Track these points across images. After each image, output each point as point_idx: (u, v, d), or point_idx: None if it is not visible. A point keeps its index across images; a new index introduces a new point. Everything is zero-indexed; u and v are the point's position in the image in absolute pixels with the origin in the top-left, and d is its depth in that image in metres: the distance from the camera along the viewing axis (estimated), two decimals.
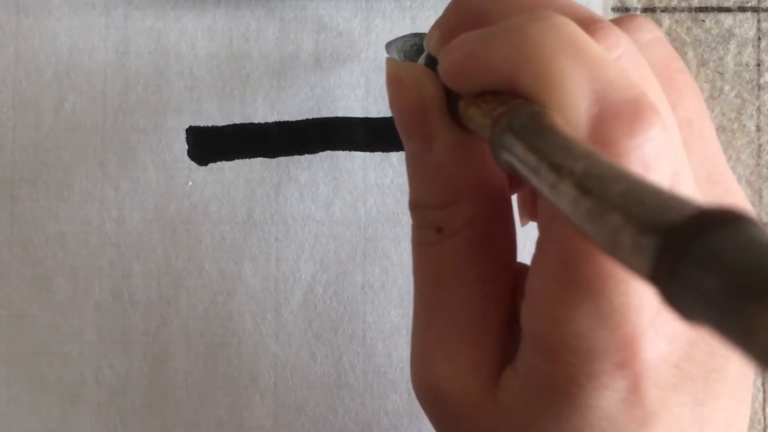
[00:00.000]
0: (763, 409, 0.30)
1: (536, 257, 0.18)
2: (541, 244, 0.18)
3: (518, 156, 0.15)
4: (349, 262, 0.29)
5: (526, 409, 0.18)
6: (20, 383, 0.29)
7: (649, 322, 0.17)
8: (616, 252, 0.11)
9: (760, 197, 0.30)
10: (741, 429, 0.20)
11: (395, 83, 0.20)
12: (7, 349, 0.29)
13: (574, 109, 0.16)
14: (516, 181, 0.20)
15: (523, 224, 0.21)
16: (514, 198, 0.21)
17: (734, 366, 0.18)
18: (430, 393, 0.20)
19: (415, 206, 0.20)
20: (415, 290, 0.20)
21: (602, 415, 0.17)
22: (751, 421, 0.30)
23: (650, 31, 0.19)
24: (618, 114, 0.16)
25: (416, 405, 0.28)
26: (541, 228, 0.17)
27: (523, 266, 0.20)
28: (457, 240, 0.19)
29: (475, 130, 0.18)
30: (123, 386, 0.29)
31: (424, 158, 0.19)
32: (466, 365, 0.19)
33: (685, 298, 0.09)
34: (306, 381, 0.29)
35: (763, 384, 0.30)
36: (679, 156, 0.17)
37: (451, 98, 0.19)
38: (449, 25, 0.20)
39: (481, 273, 0.19)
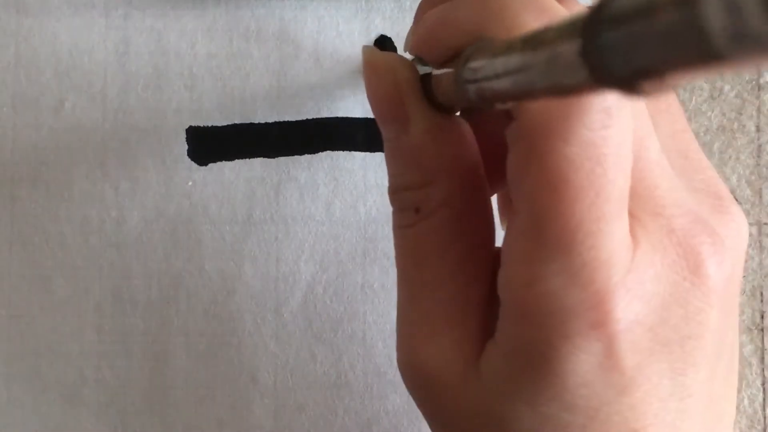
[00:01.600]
0: (763, 409, 0.30)
1: (509, 223, 0.18)
2: (513, 207, 0.18)
3: (476, 71, 0.16)
4: (349, 262, 0.29)
5: (508, 379, 0.18)
6: (20, 383, 0.29)
7: (621, 280, 0.17)
8: (560, 75, 0.12)
9: (760, 197, 0.30)
10: (726, 409, 0.20)
11: (371, 69, 0.21)
12: (7, 349, 0.29)
13: None
14: (496, 177, 0.21)
15: (504, 226, 0.22)
16: (494, 199, 0.21)
17: (711, 336, 0.18)
18: (415, 373, 0.20)
19: (394, 190, 0.21)
20: (398, 273, 0.21)
21: (580, 382, 0.17)
22: (751, 420, 0.30)
23: None
24: None
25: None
26: (512, 190, 0.18)
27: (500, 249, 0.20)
28: (435, 219, 0.20)
29: (447, 95, 0.18)
30: (123, 386, 0.29)
31: (400, 141, 0.20)
32: (449, 343, 0.19)
33: (615, 54, 0.10)
34: (306, 381, 0.29)
35: (763, 384, 0.30)
36: (646, 125, 0.18)
37: (425, 83, 0.20)
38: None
39: (460, 252, 0.20)
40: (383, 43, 0.30)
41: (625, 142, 0.17)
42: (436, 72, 0.19)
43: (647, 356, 0.17)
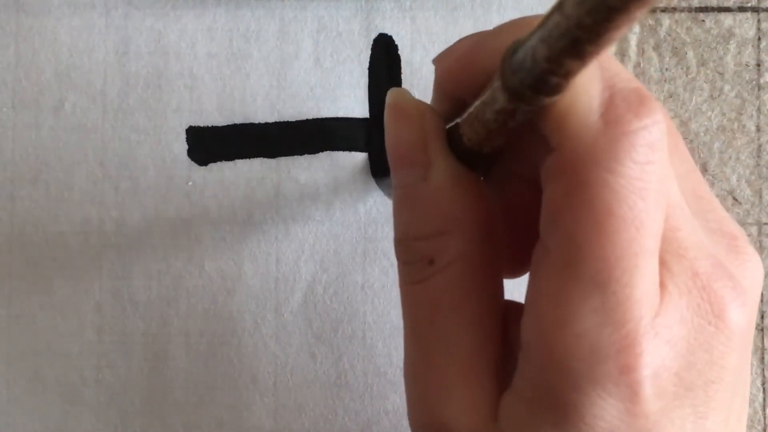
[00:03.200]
0: (764, 409, 0.30)
1: (536, 265, 0.18)
2: (541, 249, 0.18)
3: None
4: (349, 262, 0.29)
5: (530, 427, 0.18)
6: (20, 383, 0.29)
7: (650, 323, 0.17)
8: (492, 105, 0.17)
9: (760, 197, 0.30)
10: None
11: (398, 112, 0.20)
12: (7, 349, 0.29)
13: (590, 92, 0.17)
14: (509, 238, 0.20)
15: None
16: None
17: (731, 378, 0.18)
18: None
19: (403, 239, 0.20)
20: (407, 329, 0.20)
21: (606, 427, 0.17)
22: (751, 420, 0.30)
23: None
24: (627, 98, 0.17)
25: None
26: (546, 228, 0.17)
27: (510, 302, 0.20)
28: (451, 272, 0.19)
29: (483, 121, 0.18)
30: (123, 386, 0.29)
31: (418, 187, 0.19)
32: (468, 401, 0.19)
33: (516, 74, 0.16)
34: (306, 381, 0.29)
35: (763, 384, 0.30)
36: (666, 166, 0.18)
37: (448, 134, 0.20)
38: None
39: (477, 306, 0.19)
40: (384, 42, 0.30)
41: (664, 178, 0.17)
42: (465, 114, 0.19)
43: (671, 401, 0.17)
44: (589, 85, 0.17)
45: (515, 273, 0.21)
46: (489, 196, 0.20)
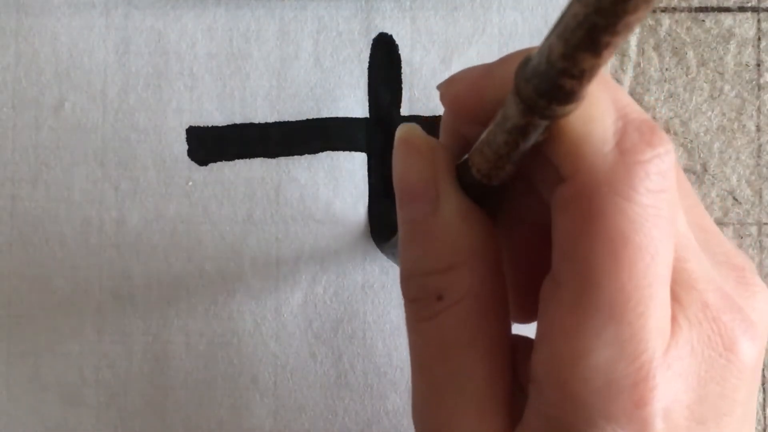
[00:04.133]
0: (763, 409, 0.30)
1: (546, 300, 0.18)
2: (551, 283, 0.18)
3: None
4: (349, 262, 0.29)
5: None
6: (20, 383, 0.29)
7: (663, 355, 0.17)
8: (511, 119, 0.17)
9: (760, 197, 0.30)
10: None
11: (408, 146, 0.20)
12: (7, 349, 0.29)
13: (604, 120, 0.17)
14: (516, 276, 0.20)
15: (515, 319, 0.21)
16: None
17: (741, 409, 0.18)
18: None
19: (410, 275, 0.20)
20: (415, 366, 0.20)
21: None
22: None
23: None
24: (639, 128, 0.17)
25: None
26: (558, 260, 0.17)
27: (517, 336, 0.20)
28: (461, 308, 0.19)
29: (493, 146, 0.18)
30: (123, 386, 0.29)
31: (427, 222, 0.19)
32: None
33: (529, 82, 0.16)
34: (306, 381, 0.29)
35: (763, 384, 0.30)
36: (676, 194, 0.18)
37: (457, 170, 0.20)
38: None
39: (486, 342, 0.19)
40: (384, 42, 0.30)
41: (675, 206, 0.17)
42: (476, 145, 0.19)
43: None
44: (604, 115, 0.17)
45: (518, 316, 0.21)
46: (496, 232, 0.20)
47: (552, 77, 0.15)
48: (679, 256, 0.18)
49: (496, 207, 0.20)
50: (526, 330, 0.20)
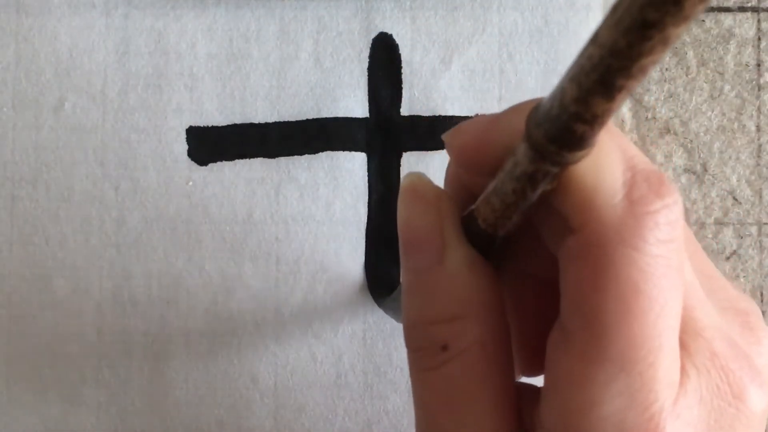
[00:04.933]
0: None
1: (554, 350, 0.18)
2: (559, 333, 0.18)
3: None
4: (349, 262, 0.29)
5: None
6: (20, 383, 0.29)
7: (672, 404, 0.17)
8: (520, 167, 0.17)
9: (760, 197, 0.30)
10: None
11: (414, 195, 0.20)
12: (7, 349, 0.29)
13: (614, 171, 0.17)
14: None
15: (520, 372, 0.21)
16: None
17: None
18: None
19: (414, 325, 0.19)
20: (420, 416, 0.20)
21: None
22: None
23: None
24: (647, 179, 0.17)
25: None
26: (568, 311, 0.17)
27: (522, 385, 0.20)
28: (467, 358, 0.19)
29: (502, 194, 0.18)
30: (123, 386, 0.29)
31: (433, 271, 0.19)
32: None
33: (540, 126, 0.16)
34: (306, 381, 0.29)
35: None
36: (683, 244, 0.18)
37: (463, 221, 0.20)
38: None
39: (492, 392, 0.19)
40: (384, 42, 0.30)
41: (683, 255, 0.17)
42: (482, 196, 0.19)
43: None
44: (613, 165, 0.17)
45: (521, 367, 0.21)
46: (501, 283, 0.20)
47: (563, 122, 0.15)
48: (687, 304, 0.18)
49: (500, 259, 0.20)
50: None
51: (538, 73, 0.30)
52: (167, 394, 0.29)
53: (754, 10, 0.30)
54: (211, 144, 0.29)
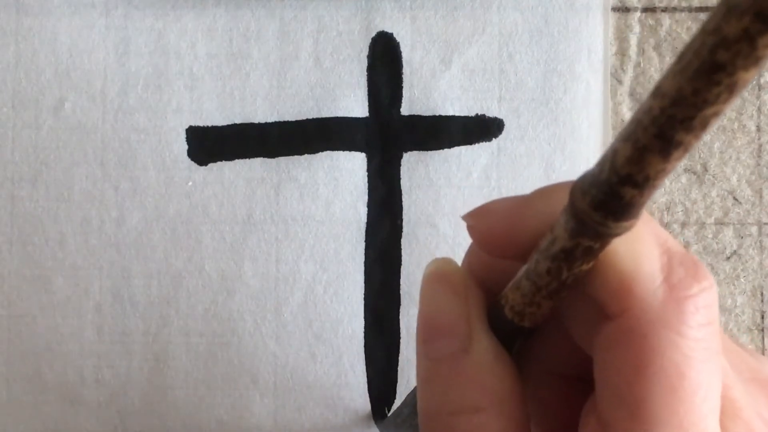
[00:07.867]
0: None
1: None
2: (598, 425, 0.17)
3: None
4: (349, 262, 0.29)
5: None
6: (20, 383, 0.29)
7: None
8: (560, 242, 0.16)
9: (761, 197, 0.30)
10: None
11: (441, 280, 0.19)
12: (7, 349, 0.29)
13: (651, 255, 0.17)
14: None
15: None
16: None
17: None
18: None
19: (435, 414, 0.19)
20: None
21: None
22: None
23: None
24: (683, 262, 0.17)
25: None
26: (607, 400, 0.17)
27: None
28: None
29: (536, 275, 0.17)
30: (123, 386, 0.29)
31: (456, 360, 0.19)
32: None
33: (586, 194, 0.15)
34: (306, 381, 0.29)
35: None
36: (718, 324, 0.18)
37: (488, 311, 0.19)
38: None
39: None
40: (384, 42, 0.30)
41: (720, 338, 0.17)
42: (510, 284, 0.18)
43: None
44: (651, 250, 0.17)
45: None
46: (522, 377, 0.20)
47: (612, 185, 0.14)
48: (723, 383, 0.18)
49: (523, 354, 0.20)
50: None
51: (538, 73, 0.30)
52: (167, 394, 0.29)
53: None
54: (211, 144, 0.29)
